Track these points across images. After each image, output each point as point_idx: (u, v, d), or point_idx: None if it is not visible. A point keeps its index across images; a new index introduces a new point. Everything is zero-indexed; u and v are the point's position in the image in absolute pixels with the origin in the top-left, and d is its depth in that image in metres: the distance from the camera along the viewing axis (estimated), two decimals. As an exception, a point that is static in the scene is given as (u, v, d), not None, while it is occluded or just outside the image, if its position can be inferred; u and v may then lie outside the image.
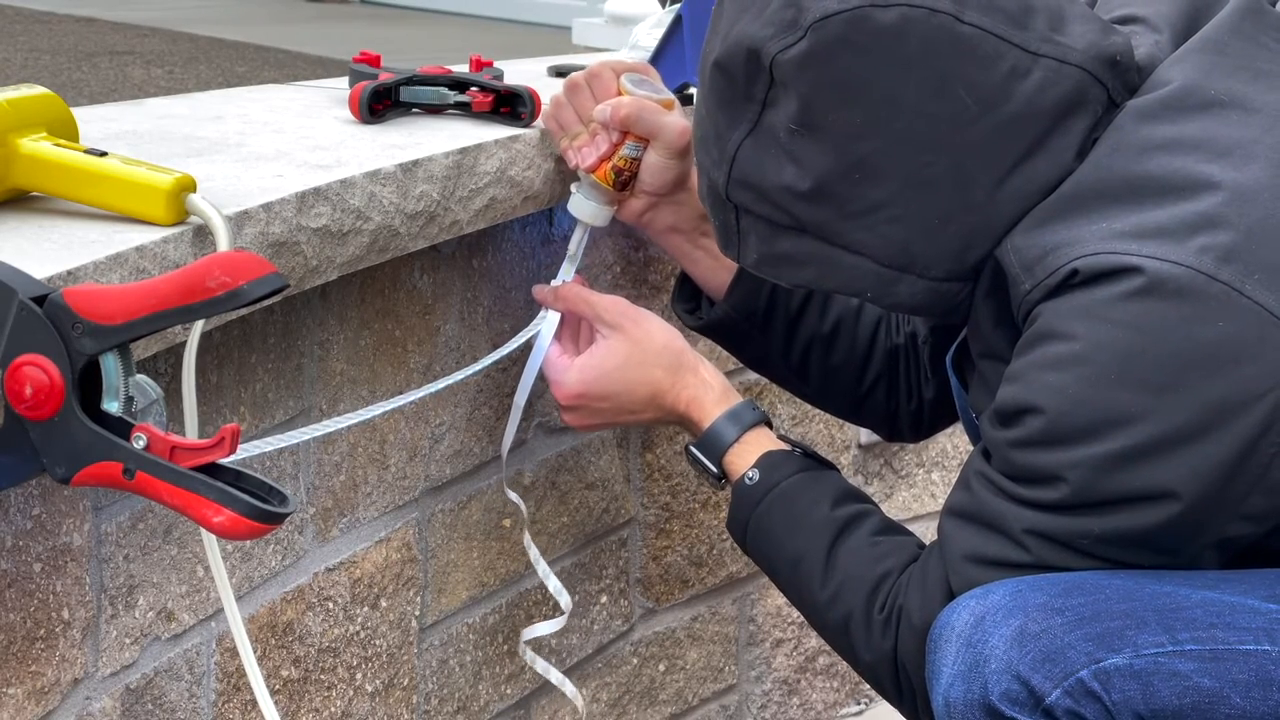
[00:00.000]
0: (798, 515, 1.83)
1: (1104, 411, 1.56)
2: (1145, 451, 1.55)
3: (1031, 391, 1.59)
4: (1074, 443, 1.57)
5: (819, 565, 1.78)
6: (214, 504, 1.28)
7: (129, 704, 1.58)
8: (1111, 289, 1.55)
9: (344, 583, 1.89)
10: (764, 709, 2.66)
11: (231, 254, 1.31)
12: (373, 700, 1.95)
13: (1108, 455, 1.56)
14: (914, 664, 1.68)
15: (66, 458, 1.29)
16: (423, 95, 2.05)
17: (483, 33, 9.73)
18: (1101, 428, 1.56)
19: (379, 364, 1.91)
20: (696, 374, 1.95)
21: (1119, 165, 1.61)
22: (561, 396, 1.98)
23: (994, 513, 1.63)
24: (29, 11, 10.59)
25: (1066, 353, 1.57)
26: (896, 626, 1.71)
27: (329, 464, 1.85)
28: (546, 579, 2.10)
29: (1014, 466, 1.61)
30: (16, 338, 1.28)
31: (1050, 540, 1.60)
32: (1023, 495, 1.61)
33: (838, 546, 1.79)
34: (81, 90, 7.55)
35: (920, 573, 1.71)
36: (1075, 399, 1.56)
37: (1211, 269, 1.53)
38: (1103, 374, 1.55)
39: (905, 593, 1.71)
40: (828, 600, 1.77)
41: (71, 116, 1.58)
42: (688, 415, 1.94)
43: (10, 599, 1.42)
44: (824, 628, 1.81)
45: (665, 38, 2.21)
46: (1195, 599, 1.56)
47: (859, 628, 1.74)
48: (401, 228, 1.79)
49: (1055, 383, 1.57)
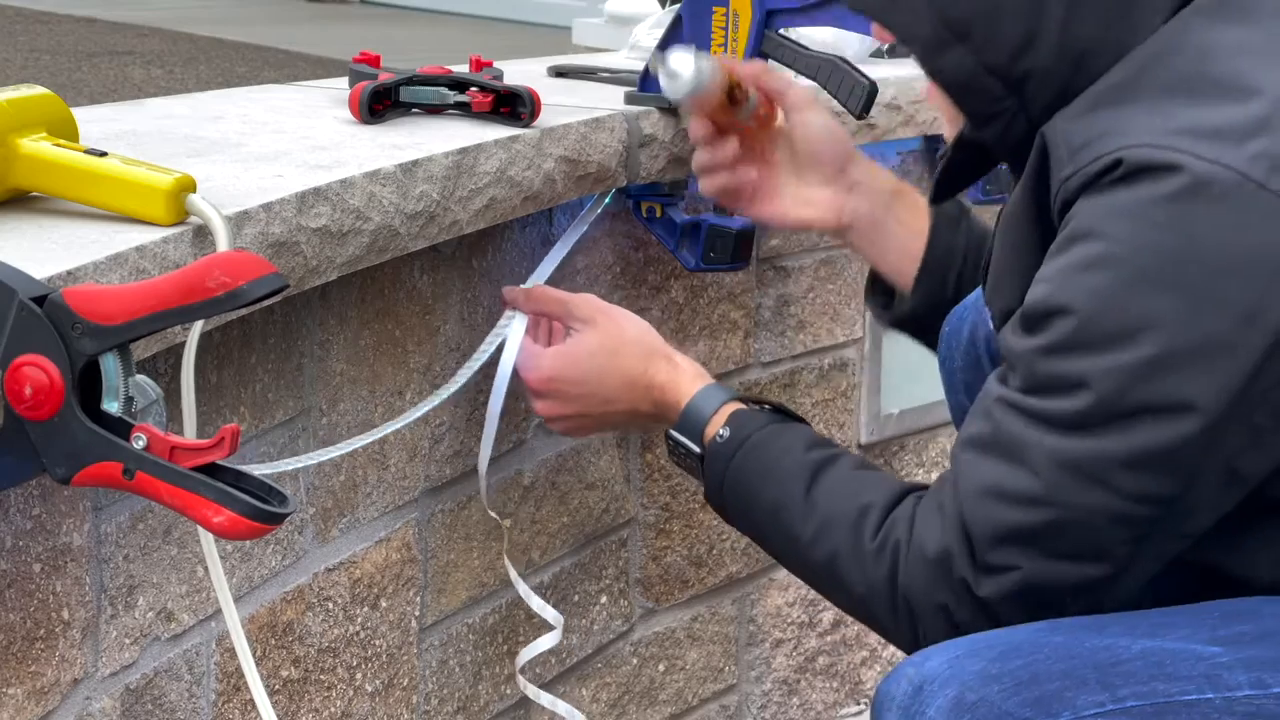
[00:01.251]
0: (771, 463, 1.78)
1: (1137, 316, 1.50)
2: (1174, 359, 1.50)
3: (1063, 292, 1.53)
4: (1103, 347, 1.51)
5: (798, 507, 1.73)
6: (214, 504, 1.28)
7: (129, 704, 1.58)
8: (1153, 188, 1.50)
9: (344, 583, 1.89)
10: (764, 709, 2.66)
11: (231, 254, 1.31)
12: (373, 700, 1.95)
13: (1137, 362, 1.50)
14: (923, 594, 1.62)
15: (66, 458, 1.29)
16: (423, 95, 2.05)
17: (483, 33, 9.72)
18: (1133, 332, 1.50)
19: (379, 364, 1.91)
20: (670, 360, 1.93)
21: (1180, 60, 1.55)
22: (534, 381, 1.96)
23: (1013, 440, 1.56)
24: (29, 11, 10.59)
25: (1102, 253, 1.51)
26: (896, 557, 1.65)
27: (329, 464, 1.85)
28: (529, 599, 2.09)
29: (1038, 376, 1.55)
30: (16, 338, 1.28)
31: (1073, 470, 1.54)
32: (1046, 410, 1.54)
33: (815, 487, 1.73)
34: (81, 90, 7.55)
35: (934, 502, 1.64)
36: (1108, 301, 1.51)
37: (1262, 177, 1.48)
38: (1138, 276, 1.50)
39: (916, 523, 1.64)
40: (811, 539, 1.72)
41: (71, 116, 1.58)
42: (662, 399, 1.91)
43: (10, 599, 1.42)
44: (810, 569, 1.75)
45: (665, 38, 2.21)
46: (1135, 650, 1.52)
47: (847, 561, 1.69)
48: (401, 228, 1.79)
49: (1089, 284, 1.51)
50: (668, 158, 2.20)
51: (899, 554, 1.65)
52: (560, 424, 2.01)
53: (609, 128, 2.12)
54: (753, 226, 2.24)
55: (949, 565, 1.60)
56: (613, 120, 2.13)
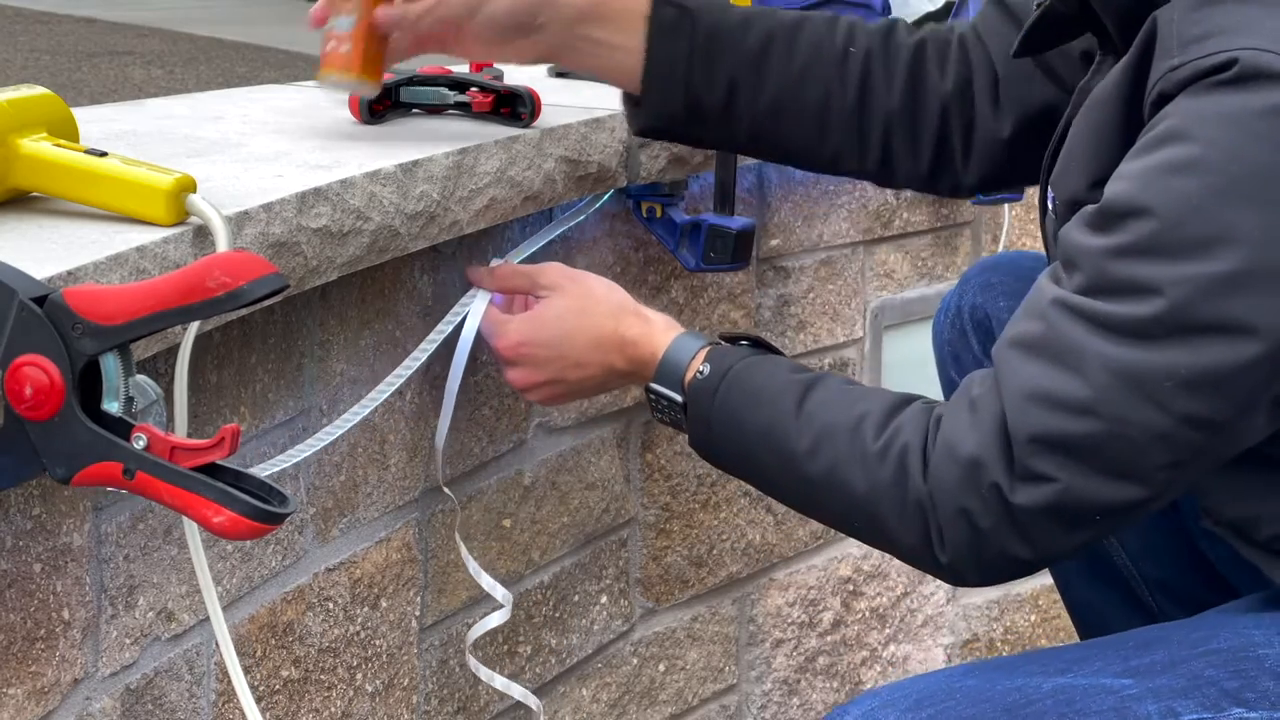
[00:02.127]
0: (758, 388, 1.72)
1: (1221, 227, 1.43)
2: (1251, 279, 1.44)
3: (1146, 192, 1.46)
4: (1182, 256, 1.44)
5: (791, 424, 1.67)
6: (214, 504, 1.28)
7: (129, 704, 1.58)
8: (1264, 97, 1.42)
9: (344, 583, 1.89)
10: (764, 709, 2.66)
11: (231, 254, 1.31)
12: (373, 700, 1.95)
13: (1213, 276, 1.44)
14: (948, 496, 1.55)
15: (66, 458, 1.29)
16: (423, 95, 2.05)
17: (483, 33, 9.71)
18: (1214, 245, 1.43)
19: (379, 364, 1.91)
20: (640, 314, 1.87)
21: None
22: (502, 348, 1.92)
23: (1070, 343, 1.49)
24: (29, 11, 10.60)
25: (1195, 157, 1.44)
26: (905, 459, 1.58)
27: (329, 464, 1.85)
28: (478, 576, 2.05)
29: (1106, 277, 1.48)
30: (16, 338, 1.28)
31: (1128, 381, 1.48)
32: (1110, 313, 1.47)
33: (807, 402, 1.68)
34: (81, 90, 7.55)
35: (965, 402, 1.57)
36: (1195, 208, 1.43)
37: None
38: (1230, 187, 1.43)
39: (942, 422, 1.58)
40: (808, 450, 1.65)
41: (71, 116, 1.58)
42: (637, 354, 1.85)
43: (10, 599, 1.42)
44: (808, 483, 1.67)
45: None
46: (1046, 689, 1.50)
47: (848, 465, 1.62)
48: (401, 228, 1.79)
49: (1176, 187, 1.44)
50: (668, 158, 2.21)
51: (908, 455, 1.58)
52: (535, 393, 1.94)
53: (609, 128, 2.12)
54: (753, 226, 2.25)
55: (982, 468, 1.53)
56: (613, 120, 2.13)
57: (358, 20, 1.83)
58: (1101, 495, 1.51)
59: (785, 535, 2.64)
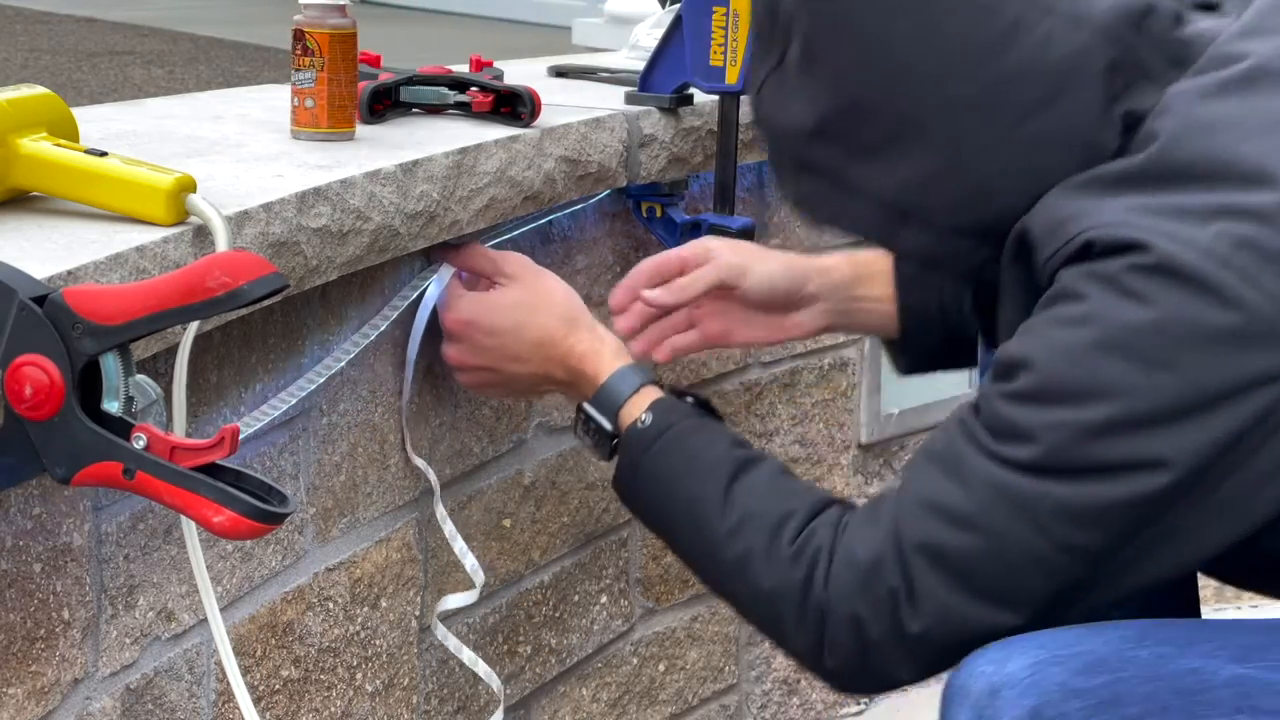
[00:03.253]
0: (693, 455, 1.76)
1: (1093, 379, 1.51)
2: (1126, 426, 1.51)
3: (1031, 346, 1.54)
4: (1056, 404, 1.52)
5: (717, 502, 1.71)
6: (214, 504, 1.28)
7: (129, 704, 1.58)
8: (1123, 261, 1.51)
9: (344, 583, 1.89)
10: (764, 709, 2.66)
11: (231, 254, 1.31)
12: (373, 700, 1.95)
13: (1087, 424, 1.52)
14: (842, 601, 1.60)
15: (66, 458, 1.29)
16: (423, 95, 2.05)
17: (483, 33, 9.72)
18: (1087, 395, 1.52)
19: (379, 364, 1.91)
20: (593, 331, 1.89)
21: (1157, 149, 1.55)
22: (448, 321, 1.93)
23: (960, 457, 1.57)
24: (29, 11, 10.59)
25: (1075, 313, 1.53)
26: (815, 562, 1.63)
27: (329, 464, 1.85)
28: (464, 557, 2.03)
29: (996, 419, 1.56)
30: (16, 338, 1.28)
31: (1009, 500, 1.54)
32: (995, 450, 1.55)
33: (736, 484, 1.72)
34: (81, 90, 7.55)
35: (872, 511, 1.64)
36: (1069, 359, 1.52)
37: (1226, 254, 1.49)
38: (1101, 340, 1.51)
39: (845, 530, 1.63)
40: (726, 535, 1.69)
41: (71, 116, 1.58)
42: (580, 369, 1.87)
43: (10, 599, 1.42)
44: (717, 565, 1.72)
45: (665, 38, 2.21)
46: (1222, 677, 1.50)
47: (760, 560, 1.66)
48: (401, 228, 1.79)
49: (1055, 340, 1.53)
50: (668, 158, 2.21)
51: (818, 559, 1.63)
52: (466, 375, 1.96)
53: (609, 128, 2.12)
54: (753, 226, 2.24)
55: (878, 575, 1.59)
56: (613, 120, 2.13)
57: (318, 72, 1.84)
58: (979, 620, 1.56)
59: (785, 535, 2.64)
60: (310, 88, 1.84)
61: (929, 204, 1.63)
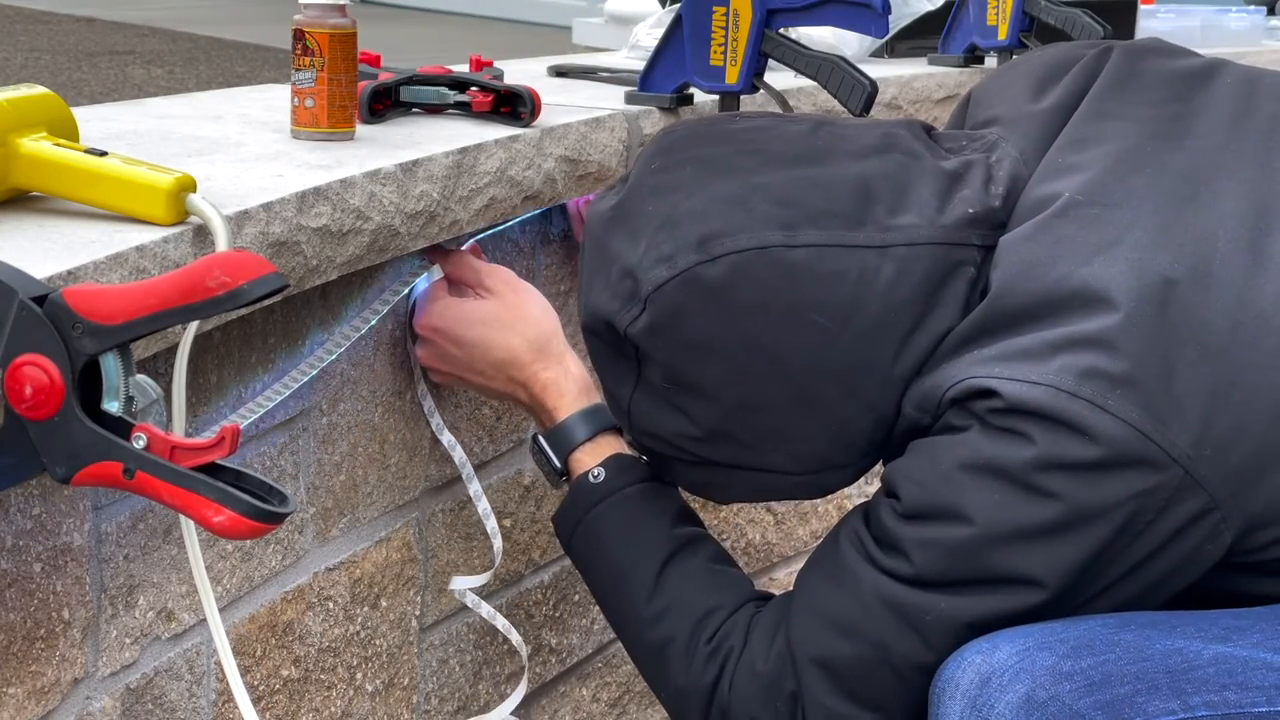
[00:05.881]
0: (635, 525, 1.81)
1: (961, 499, 1.58)
2: (998, 543, 1.57)
3: (913, 466, 1.63)
4: (927, 522, 1.60)
5: (648, 581, 1.78)
6: (214, 504, 1.28)
7: (129, 704, 1.58)
8: (984, 404, 1.58)
9: (344, 583, 1.89)
10: (764, 709, 2.66)
11: (231, 254, 1.31)
12: (373, 700, 1.95)
13: (955, 541, 1.58)
14: (741, 705, 1.69)
15: (66, 458, 1.29)
16: (423, 95, 2.05)
17: (483, 33, 9.73)
18: (958, 514, 1.58)
19: (379, 364, 1.91)
20: (561, 362, 1.91)
21: (991, 299, 1.63)
22: (419, 323, 1.94)
23: (849, 569, 1.65)
24: (29, 11, 10.60)
25: (953, 440, 1.61)
26: (725, 664, 1.71)
27: (329, 464, 1.85)
28: (494, 537, 2.04)
29: (882, 530, 1.64)
30: (16, 338, 1.28)
31: (894, 609, 1.61)
32: (880, 561, 1.63)
33: (670, 567, 1.78)
34: (81, 90, 7.55)
35: (771, 617, 1.72)
36: (939, 480, 1.60)
37: (1072, 386, 1.55)
38: (968, 463, 1.58)
39: (750, 634, 1.71)
40: (651, 618, 1.77)
41: (71, 116, 1.58)
42: (541, 400, 1.90)
43: (10, 599, 1.42)
44: (637, 644, 1.80)
45: (665, 37, 2.21)
46: (1207, 655, 1.53)
47: (679, 654, 1.74)
48: (401, 227, 1.79)
49: (931, 460, 1.61)
50: (668, 157, 2.20)
51: (727, 663, 1.71)
52: (436, 376, 1.98)
53: (609, 127, 2.12)
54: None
55: (777, 682, 1.67)
56: (613, 120, 2.13)
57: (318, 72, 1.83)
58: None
59: (785, 534, 2.64)
60: (310, 87, 1.84)
61: (840, 452, 1.71)
